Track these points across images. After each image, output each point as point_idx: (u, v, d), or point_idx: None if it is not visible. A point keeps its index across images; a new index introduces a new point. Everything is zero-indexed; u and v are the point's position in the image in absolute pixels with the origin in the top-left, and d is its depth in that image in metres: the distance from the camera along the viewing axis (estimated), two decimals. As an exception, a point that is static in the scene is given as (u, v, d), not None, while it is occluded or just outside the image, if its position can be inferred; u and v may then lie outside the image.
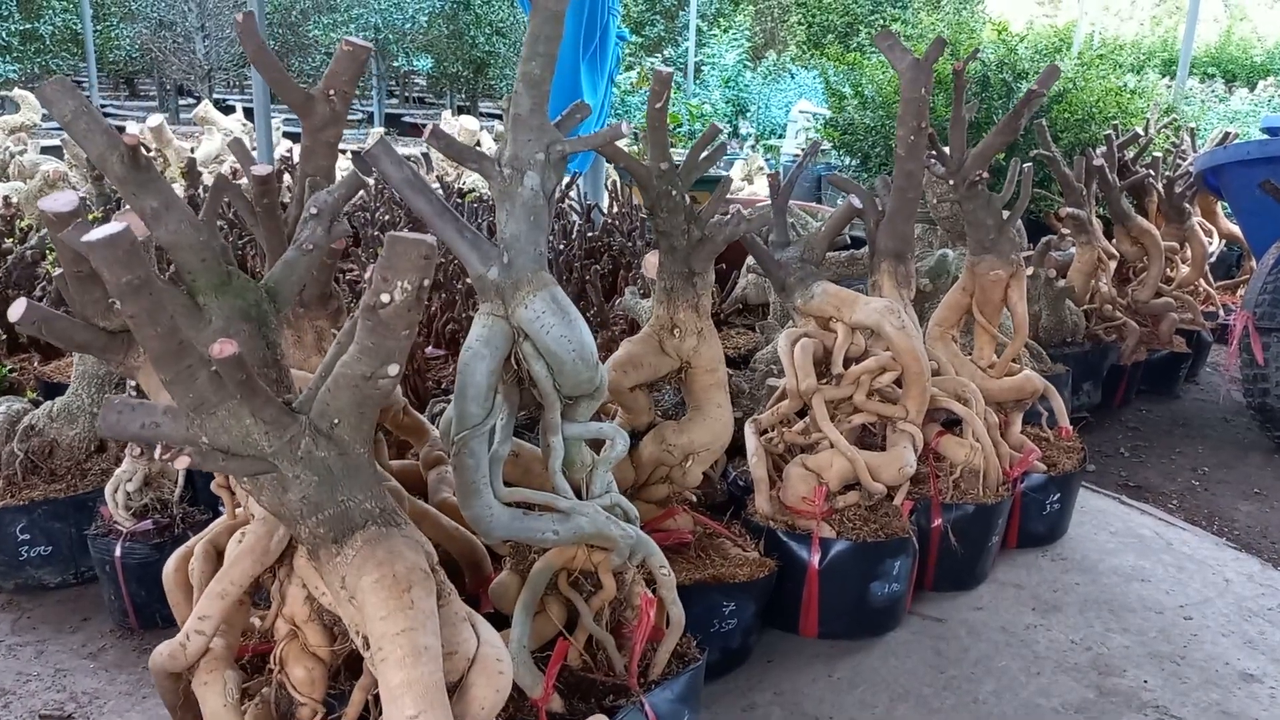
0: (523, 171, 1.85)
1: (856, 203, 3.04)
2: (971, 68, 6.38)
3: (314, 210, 1.90)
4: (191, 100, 12.60)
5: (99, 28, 11.77)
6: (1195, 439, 4.71)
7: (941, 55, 2.97)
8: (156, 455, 1.35)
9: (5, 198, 5.91)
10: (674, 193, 2.44)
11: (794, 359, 2.78)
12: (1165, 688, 2.63)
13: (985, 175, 3.24)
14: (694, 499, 2.71)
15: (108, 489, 2.69)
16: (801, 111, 12.32)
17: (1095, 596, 3.09)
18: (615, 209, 5.79)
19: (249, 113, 10.96)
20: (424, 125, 3.07)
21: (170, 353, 1.36)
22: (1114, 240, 5.29)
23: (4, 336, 3.89)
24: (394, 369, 1.38)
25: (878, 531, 2.73)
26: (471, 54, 15.19)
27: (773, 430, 2.91)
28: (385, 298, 1.32)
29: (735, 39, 16.82)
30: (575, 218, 5.75)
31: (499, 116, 13.03)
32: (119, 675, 2.53)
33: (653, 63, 15.43)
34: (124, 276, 1.30)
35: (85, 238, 1.30)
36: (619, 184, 6.87)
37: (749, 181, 9.74)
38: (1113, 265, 5.15)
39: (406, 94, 20.35)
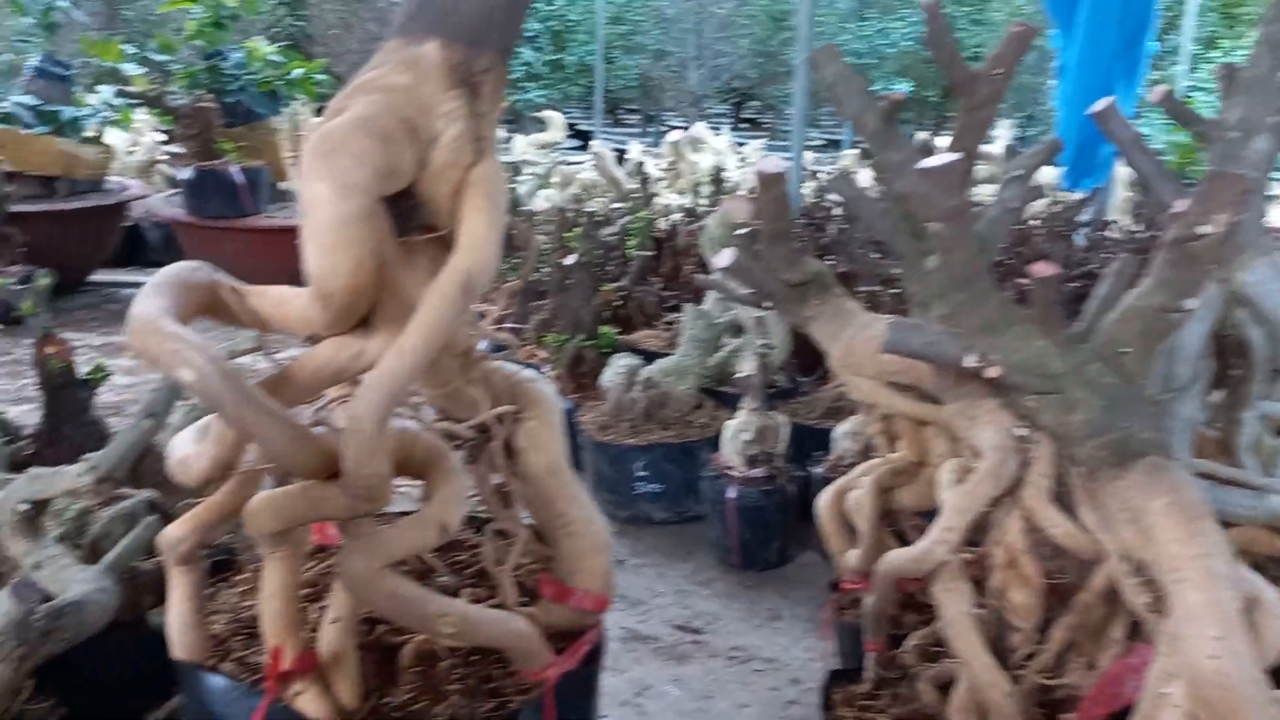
0: (1251, 134, 1.82)
1: None
2: None
3: (1017, 173, 2.01)
4: (665, 128, 13.58)
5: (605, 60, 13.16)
6: None
7: None
8: (968, 363, 1.48)
9: (560, 210, 6.76)
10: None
11: None
12: None
13: None
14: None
15: (725, 436, 2.98)
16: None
17: None
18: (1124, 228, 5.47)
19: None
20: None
21: (970, 274, 1.50)
22: None
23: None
24: (1191, 303, 1.41)
25: None
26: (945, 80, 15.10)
27: None
28: (1203, 230, 1.35)
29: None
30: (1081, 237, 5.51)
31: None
32: (732, 603, 2.79)
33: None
34: (951, 201, 1.45)
35: (921, 165, 1.46)
36: (1136, 200, 6.49)
37: None
38: None
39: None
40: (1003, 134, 10.04)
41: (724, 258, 2.08)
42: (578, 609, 1.35)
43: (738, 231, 2.67)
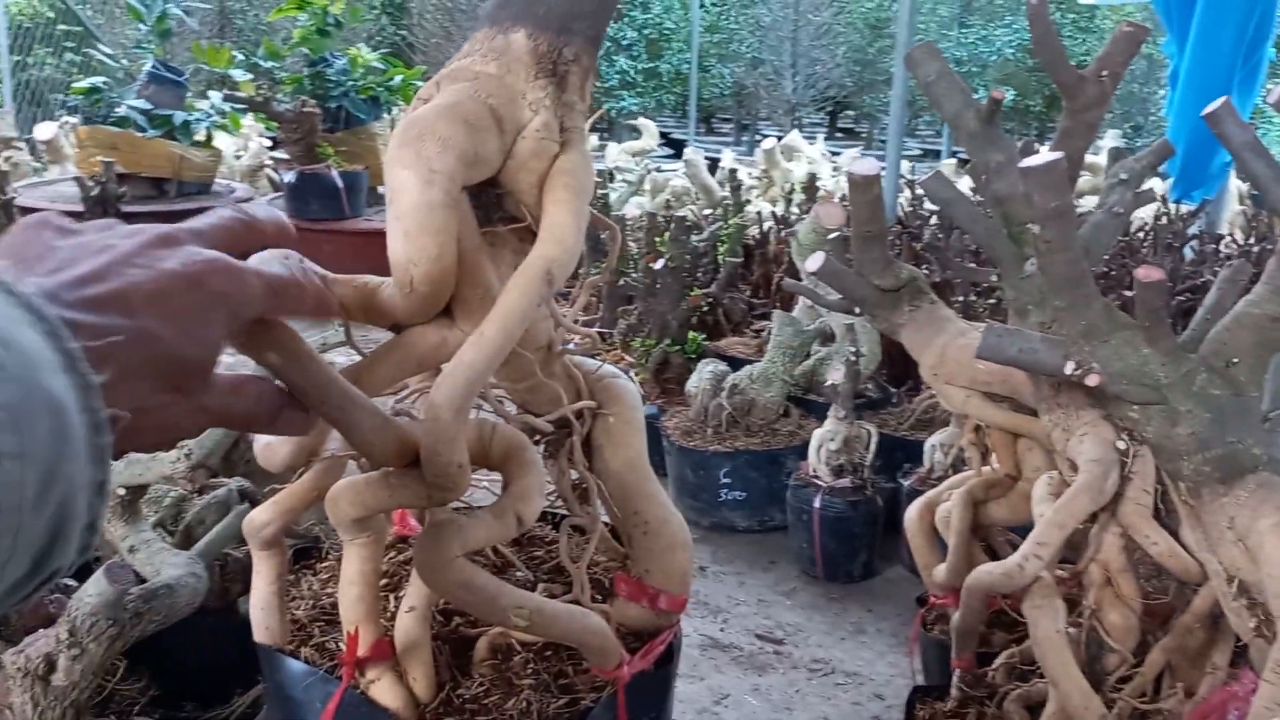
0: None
1: None
2: None
3: (1122, 176, 1.93)
4: (759, 136, 13.53)
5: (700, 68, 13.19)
6: None
7: None
8: (1067, 371, 1.42)
9: (650, 215, 6.78)
10: None
11: None
12: None
13: None
14: None
15: (812, 445, 2.93)
16: None
17: None
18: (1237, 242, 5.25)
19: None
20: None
21: (1072, 278, 1.44)
22: None
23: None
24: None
25: None
26: (1050, 88, 14.84)
27: None
28: (1325, 234, 1.27)
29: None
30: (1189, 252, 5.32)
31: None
32: (814, 615, 2.75)
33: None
34: (1053, 201, 1.39)
35: (1022, 164, 1.41)
36: (1249, 214, 6.24)
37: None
38: None
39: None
40: (1107, 143, 9.75)
41: (814, 261, 2.04)
42: (653, 608, 1.33)
43: (830, 236, 2.62)
